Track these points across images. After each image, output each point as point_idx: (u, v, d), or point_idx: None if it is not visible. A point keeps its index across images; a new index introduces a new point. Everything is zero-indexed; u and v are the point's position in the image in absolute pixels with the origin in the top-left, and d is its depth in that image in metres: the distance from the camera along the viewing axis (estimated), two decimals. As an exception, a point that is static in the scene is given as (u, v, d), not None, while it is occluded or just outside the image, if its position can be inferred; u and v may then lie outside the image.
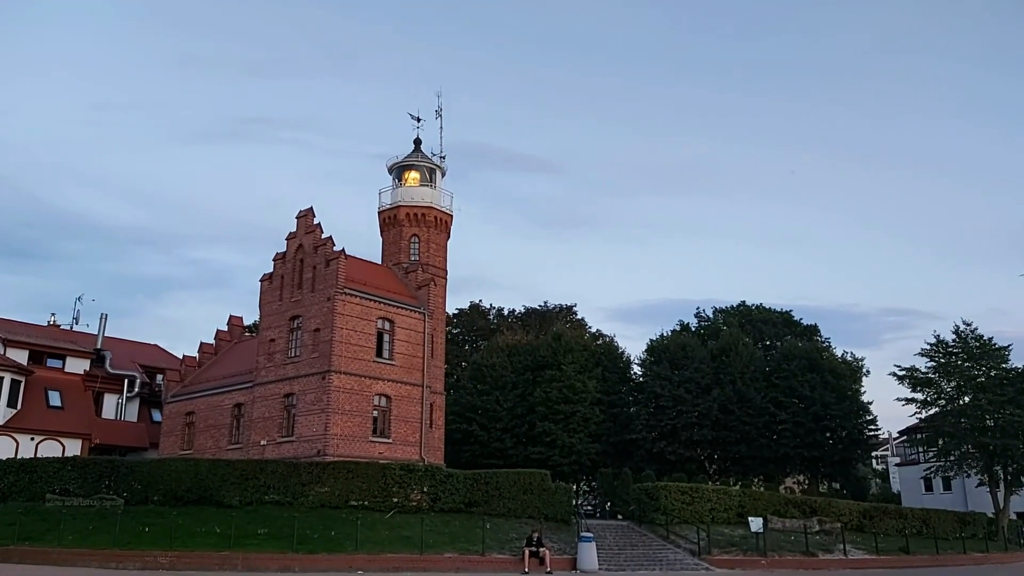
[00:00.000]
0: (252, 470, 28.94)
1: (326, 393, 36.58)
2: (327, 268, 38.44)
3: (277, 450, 37.58)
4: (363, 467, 29.49)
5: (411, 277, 42.84)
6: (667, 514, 31.16)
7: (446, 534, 27.17)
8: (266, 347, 40.61)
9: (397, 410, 39.15)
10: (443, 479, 29.80)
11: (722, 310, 60.14)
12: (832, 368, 48.09)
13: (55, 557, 24.59)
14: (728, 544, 29.35)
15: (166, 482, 28.93)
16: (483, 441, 48.60)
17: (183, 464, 29.43)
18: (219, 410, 42.38)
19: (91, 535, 25.83)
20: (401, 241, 44.39)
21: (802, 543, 30.05)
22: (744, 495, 33.70)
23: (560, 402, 47.78)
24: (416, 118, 47.84)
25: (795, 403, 46.65)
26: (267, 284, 42.08)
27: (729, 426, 46.37)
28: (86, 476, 29.87)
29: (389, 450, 38.09)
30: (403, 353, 40.15)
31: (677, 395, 46.73)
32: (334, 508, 28.33)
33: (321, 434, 36.13)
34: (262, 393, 39.76)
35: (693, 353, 48.66)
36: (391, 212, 44.95)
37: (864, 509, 36.73)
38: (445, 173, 47.35)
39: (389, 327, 39.97)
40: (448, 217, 45.83)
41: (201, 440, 42.72)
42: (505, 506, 29.91)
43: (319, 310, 38.28)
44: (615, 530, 31.33)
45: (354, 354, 37.81)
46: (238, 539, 25.33)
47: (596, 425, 48.27)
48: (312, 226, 40.24)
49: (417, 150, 46.98)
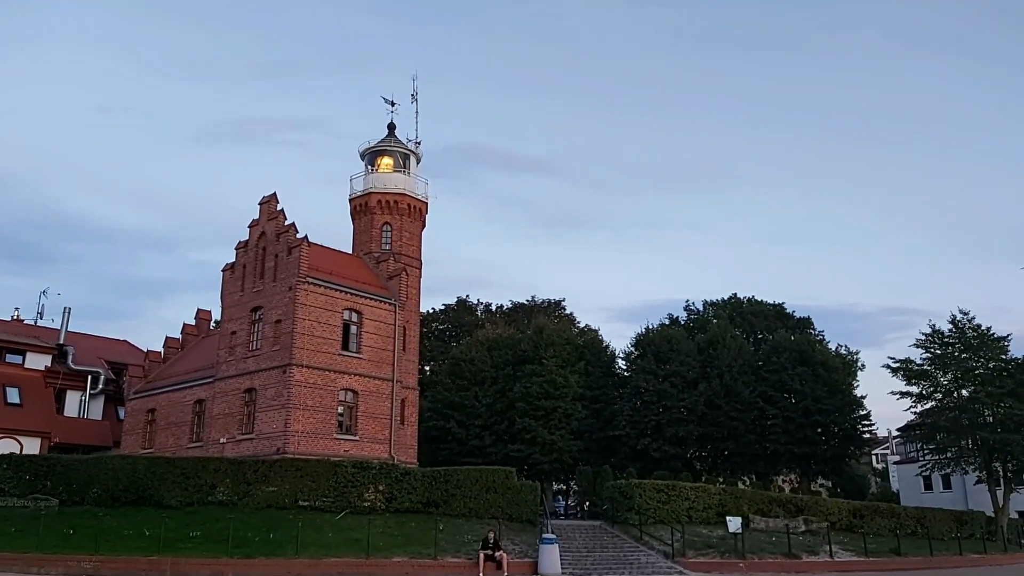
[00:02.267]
0: (194, 468, 27.08)
1: (287, 388, 34.73)
2: (289, 256, 36.60)
3: (237, 448, 35.72)
4: (312, 465, 27.61)
5: (382, 267, 40.98)
6: (641, 514, 29.20)
7: (399, 536, 25.28)
8: (227, 340, 38.78)
9: (365, 406, 37.29)
10: (399, 477, 27.92)
11: (712, 303, 58.09)
12: (824, 361, 46.03)
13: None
14: (705, 546, 27.38)
15: (103, 481, 27.11)
16: (461, 439, 46.71)
17: (120, 462, 27.60)
18: (180, 407, 40.57)
19: (16, 538, 24.02)
20: (372, 229, 42.54)
21: (785, 544, 28.07)
22: (725, 493, 31.70)
23: (541, 397, 45.86)
24: (390, 102, 46.03)
25: (785, 398, 44.64)
26: (229, 274, 40.27)
27: (716, 422, 44.37)
28: (21, 475, 28.05)
29: (356, 448, 36.22)
30: (372, 346, 38.29)
31: (662, 389, 44.74)
32: (282, 509, 26.53)
33: (281, 431, 34.29)
34: (222, 388, 37.94)
35: (679, 346, 46.68)
36: (362, 199, 43.07)
37: (854, 508, 34.68)
38: (420, 159, 45.49)
39: (357, 319, 38.11)
40: (422, 205, 43.93)
41: (162, 438, 40.91)
42: (466, 506, 28.00)
43: (280, 300, 36.42)
44: (585, 531, 29.41)
45: (318, 346, 35.95)
46: (171, 542, 23.51)
47: (578, 421, 46.35)
48: (275, 212, 38.38)
49: (391, 135, 45.10)
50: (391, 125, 45.45)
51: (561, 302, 69.10)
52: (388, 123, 45.44)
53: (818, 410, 44.00)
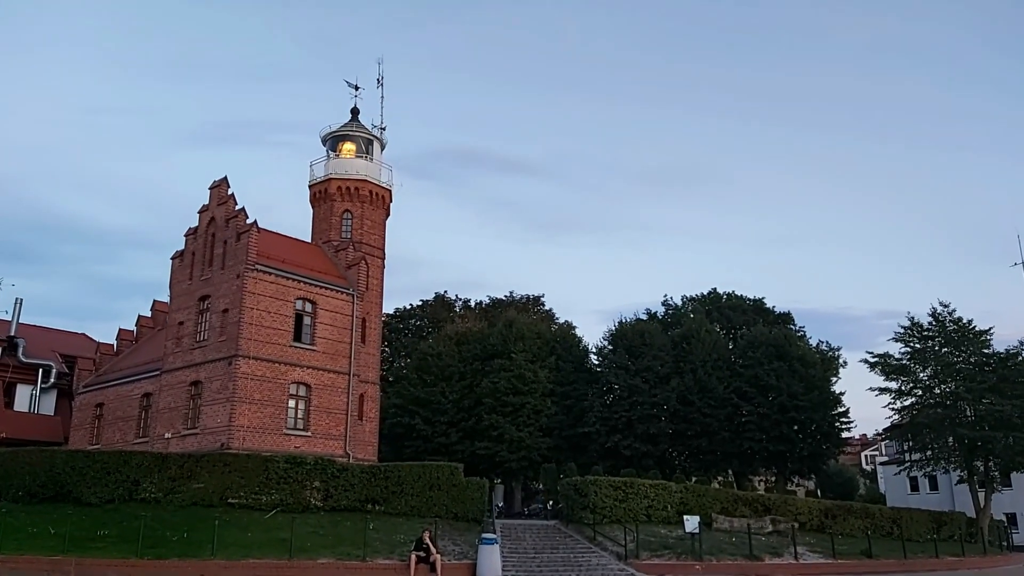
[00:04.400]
0: (115, 463, 25.34)
1: (232, 380, 33.08)
2: (238, 242, 34.95)
3: (181, 444, 34.04)
4: (241, 459, 25.93)
5: (341, 256, 39.31)
6: (596, 512, 27.54)
7: (332, 536, 23.63)
8: (174, 331, 37.14)
9: (318, 400, 35.64)
10: (336, 473, 26.22)
11: (691, 298, 56.49)
12: (802, 356, 44.41)
13: None
14: (661, 546, 25.74)
15: (20, 476, 25.43)
16: (427, 436, 45.07)
17: (38, 456, 25.87)
18: (127, 401, 38.91)
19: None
20: (332, 217, 40.90)
21: (747, 545, 26.43)
22: (687, 491, 30.02)
23: (509, 393, 44.23)
24: (354, 86, 44.43)
25: (761, 394, 43.01)
26: (178, 262, 38.61)
27: (689, 418, 42.77)
28: (-65, 470, 26.31)
29: (307, 444, 34.57)
30: (327, 338, 36.63)
31: (633, 385, 43.14)
32: (209, 507, 24.80)
33: (225, 425, 32.61)
34: (168, 381, 36.27)
35: (652, 340, 45.07)
36: (322, 185, 41.44)
37: (826, 508, 33.03)
38: (385, 145, 43.87)
39: (311, 309, 36.45)
40: (386, 192, 42.28)
41: (109, 433, 39.23)
42: (408, 503, 26.32)
43: (228, 289, 34.76)
44: (537, 531, 27.77)
45: (267, 337, 34.28)
46: (81, 541, 21.85)
47: (548, 418, 44.73)
48: (225, 197, 36.70)
49: (354, 119, 43.47)
50: (354, 110, 43.83)
51: (540, 298, 67.45)
52: (351, 108, 43.85)
53: (794, 407, 42.42)
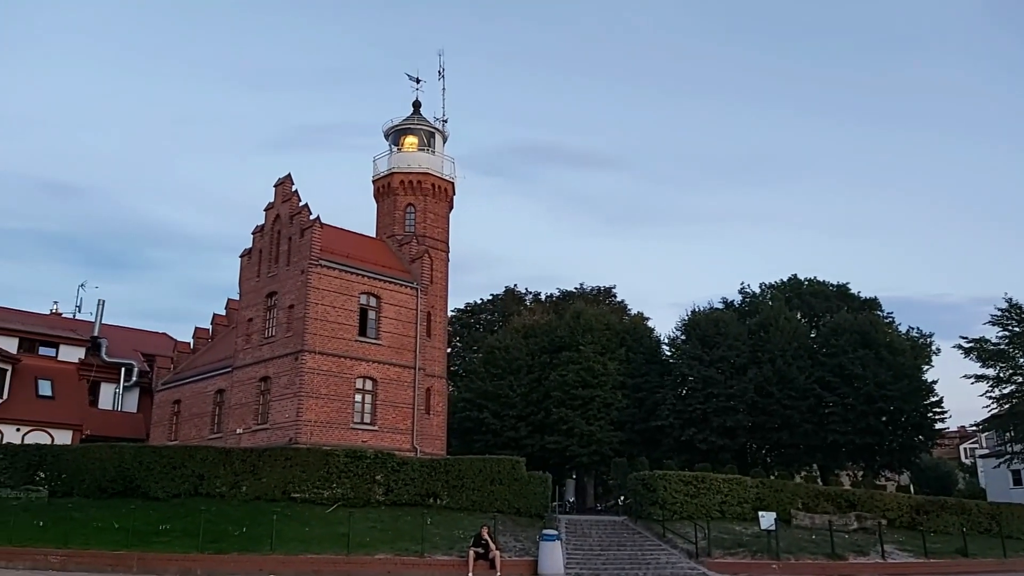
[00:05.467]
0: (180, 458, 25.63)
1: (299, 375, 33.20)
2: (302, 238, 35.06)
3: (252, 438, 34.44)
4: (302, 454, 25.81)
5: (405, 250, 39.12)
6: (666, 508, 26.36)
7: (391, 531, 23.25)
8: (244, 328, 37.60)
9: (384, 394, 35.49)
10: (396, 467, 25.85)
11: (770, 285, 54.21)
12: (890, 343, 41.88)
13: (-57, 555, 21.74)
14: (735, 544, 24.40)
15: (91, 472, 25.96)
16: (496, 430, 44.48)
17: (107, 451, 26.37)
18: (202, 397, 39.66)
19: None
20: (396, 211, 40.78)
21: (829, 543, 24.79)
22: (763, 486, 28.46)
23: (577, 386, 43.22)
24: (415, 79, 44.18)
25: (846, 383, 40.72)
26: (246, 260, 39.08)
27: (768, 411, 40.88)
28: (15, 466, 27.16)
29: (375, 438, 34.43)
30: (392, 332, 36.47)
31: (708, 376, 41.51)
32: (272, 501, 24.80)
33: (293, 420, 32.76)
34: (239, 378, 36.75)
35: (727, 329, 43.29)
36: (385, 180, 41.36)
37: (917, 503, 30.85)
38: (447, 138, 43.49)
39: (375, 303, 36.34)
40: (448, 184, 41.92)
41: (186, 429, 40.10)
42: (469, 498, 25.74)
43: (294, 284, 34.94)
44: (604, 527, 26.77)
45: (332, 332, 34.30)
46: (145, 536, 22.06)
47: (619, 411, 43.52)
48: (289, 194, 36.91)
49: (416, 113, 43.26)
50: (416, 103, 43.61)
51: (611, 289, 66.24)
52: (413, 101, 43.64)
53: (882, 397, 39.97)
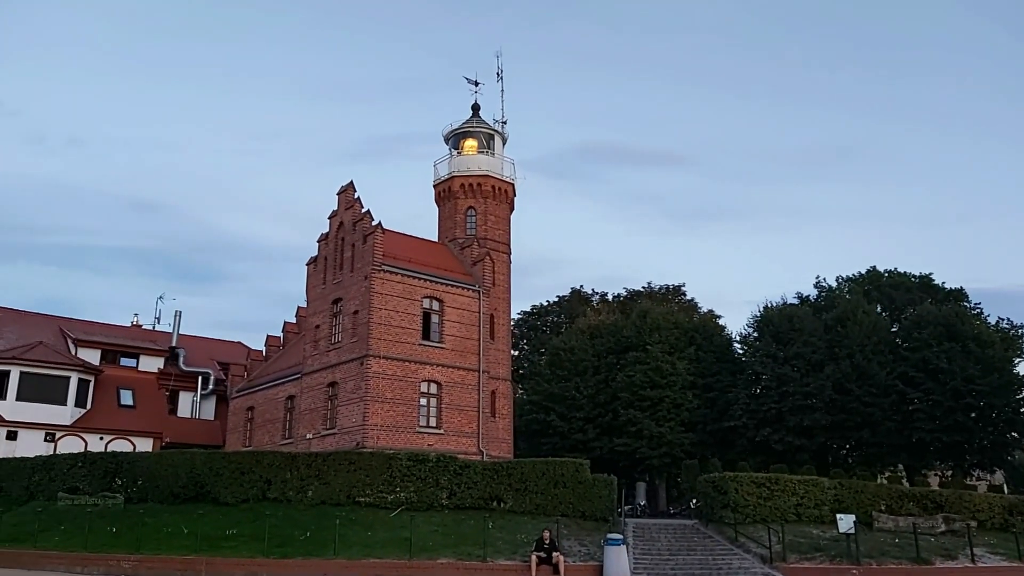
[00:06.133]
0: (248, 464, 26.01)
1: (364, 380, 33.48)
2: (364, 244, 35.37)
3: (321, 443, 34.87)
4: (366, 458, 25.84)
5: (466, 253, 39.08)
6: (738, 511, 25.38)
7: (454, 535, 23.02)
8: (312, 334, 38.16)
9: (449, 398, 35.48)
10: (458, 470, 25.60)
11: (847, 278, 52.10)
12: (978, 335, 39.57)
13: (27, 560, 22.82)
14: (812, 548, 23.30)
15: (164, 478, 26.58)
16: (563, 432, 43.94)
17: (180, 458, 26.94)
18: (274, 404, 40.40)
19: (75, 536, 23.77)
20: (456, 215, 40.79)
21: (914, 547, 23.42)
22: (841, 487, 27.11)
23: (645, 387, 42.29)
24: (474, 82, 44.20)
25: (929, 378, 38.68)
26: (312, 268, 39.71)
27: (847, 408, 39.14)
28: (94, 473, 28.12)
29: (441, 442, 34.44)
30: (455, 335, 36.46)
31: (782, 374, 40.04)
32: (337, 505, 24.87)
33: (360, 425, 33.02)
34: (308, 384, 37.31)
35: (802, 325, 41.71)
36: (445, 184, 41.43)
37: (1010, 504, 28.93)
38: (506, 139, 43.30)
39: (438, 307, 36.39)
40: (508, 186, 41.71)
41: (259, 435, 40.91)
42: (533, 501, 25.28)
43: (357, 290, 35.27)
44: (673, 531, 25.95)
45: (396, 336, 34.48)
46: (214, 541, 22.42)
47: (689, 412, 42.41)
48: (352, 201, 37.32)
49: (475, 116, 43.25)
50: (475, 106, 43.63)
51: (680, 287, 64.92)
52: (472, 104, 43.67)
53: (971, 392, 37.78)
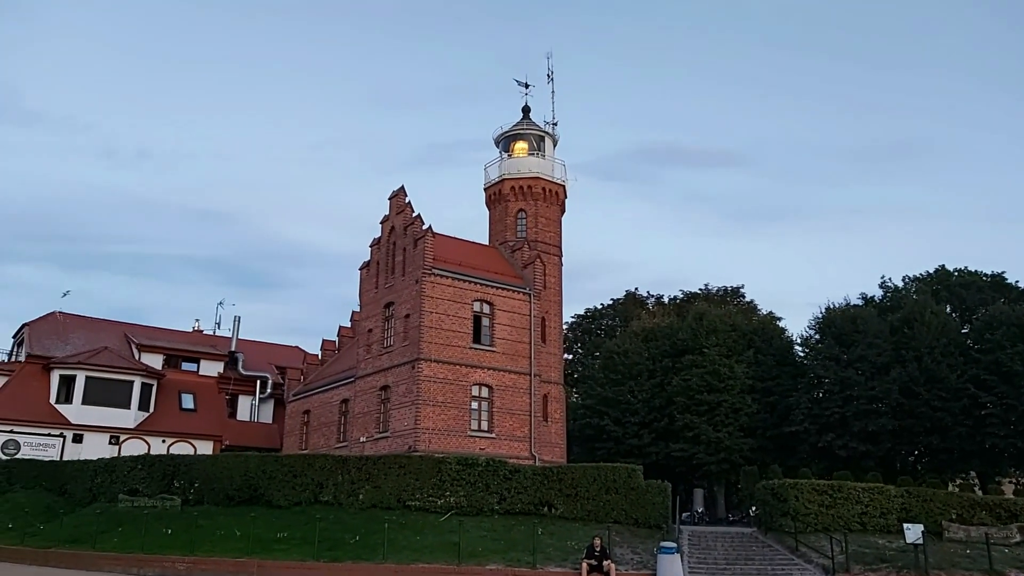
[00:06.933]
0: (299, 467, 26.16)
1: (416, 383, 33.47)
2: (415, 248, 35.40)
3: (375, 447, 35.00)
4: (415, 461, 25.70)
5: (517, 256, 38.81)
6: (798, 519, 24.44)
7: (504, 540, 22.70)
8: (365, 338, 38.40)
9: (500, 401, 35.23)
10: (508, 475, 25.25)
11: (914, 278, 50.20)
12: (1055, 336, 37.56)
13: (85, 561, 23.31)
14: (877, 559, 22.26)
15: (219, 481, 26.91)
16: (617, 437, 43.23)
17: (234, 461, 27.26)
18: (329, 407, 40.77)
19: (133, 538, 24.21)
20: (507, 217, 40.58)
21: (986, 558, 22.20)
22: (908, 495, 25.85)
23: (702, 391, 41.34)
24: (524, 84, 43.97)
25: (1003, 381, 36.86)
26: (365, 272, 39.96)
27: (915, 413, 37.58)
28: (153, 475, 28.67)
29: (492, 446, 34.21)
30: (506, 338, 36.20)
31: (845, 377, 38.69)
32: (387, 509, 24.79)
33: (412, 428, 33.01)
34: (361, 387, 37.52)
35: (866, 326, 40.25)
36: (496, 187, 41.26)
37: (1092, 514, 27.28)
38: (557, 141, 42.94)
39: (488, 310, 36.18)
40: (559, 188, 41.31)
41: (315, 438, 41.33)
42: (584, 507, 24.76)
43: (409, 294, 35.32)
44: (730, 540, 25.14)
45: (447, 340, 34.40)
46: (265, 543, 22.57)
47: (748, 417, 41.30)
48: (403, 206, 37.41)
49: (525, 118, 43.01)
50: (525, 108, 43.35)
51: (739, 289, 63.50)
52: (522, 106, 43.40)
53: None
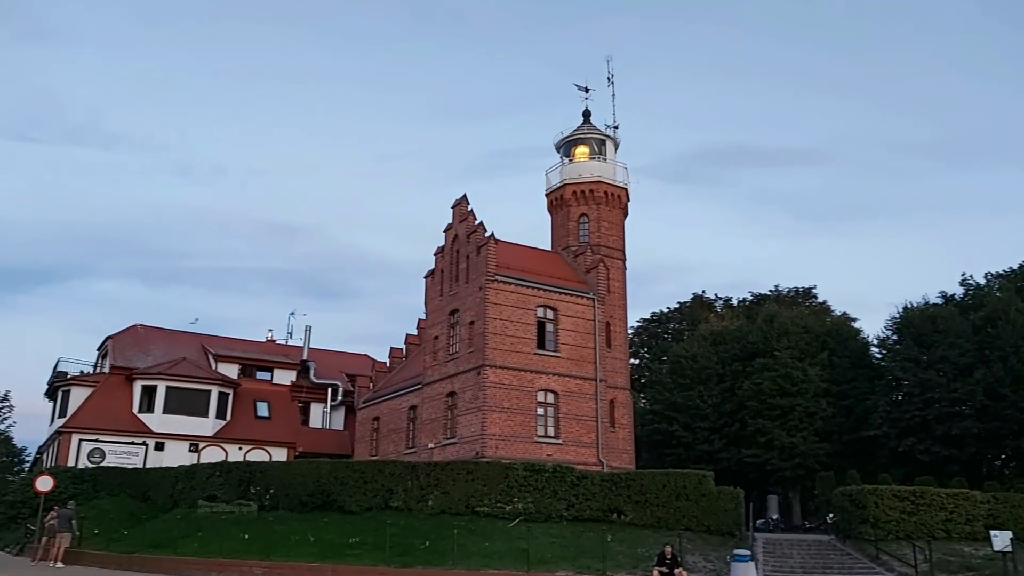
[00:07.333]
0: (370, 473, 26.50)
1: (482, 389, 33.59)
2: (478, 255, 35.59)
3: (443, 452, 35.25)
4: (482, 467, 25.79)
5: (579, 260, 38.65)
6: (878, 526, 23.59)
7: (573, 547, 22.55)
8: (431, 345, 38.72)
9: (566, 407, 35.06)
10: (575, 481, 25.11)
11: (997, 275, 48.07)
12: None
13: (167, 566, 23.96)
14: (963, 568, 21.38)
15: (293, 487, 27.45)
16: (687, 443, 42.59)
17: (307, 467, 27.78)
18: (397, 414, 41.23)
19: (212, 542, 24.88)
20: (569, 222, 40.44)
21: (1085, 571, 21.06)
22: (996, 501, 24.73)
23: (774, 395, 40.41)
24: (584, 88, 43.70)
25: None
26: (430, 280, 40.34)
27: (1002, 415, 35.95)
28: (230, 482, 29.42)
29: (559, 452, 34.05)
30: (570, 344, 36.03)
31: (925, 379, 37.30)
32: (456, 515, 24.92)
33: (478, 434, 33.13)
34: (429, 393, 37.85)
35: (947, 326, 38.74)
36: (557, 192, 41.20)
37: None
38: (619, 144, 42.62)
39: (552, 315, 36.09)
40: (622, 191, 40.98)
41: (384, 445, 41.83)
42: (654, 514, 24.43)
43: (473, 301, 35.50)
44: (807, 548, 24.44)
45: (511, 346, 34.44)
46: (338, 548, 22.95)
47: (823, 421, 40.18)
48: (466, 214, 37.66)
49: (586, 122, 42.80)
50: (586, 112, 43.12)
51: (811, 290, 61.86)
52: (583, 111, 43.20)
53: None
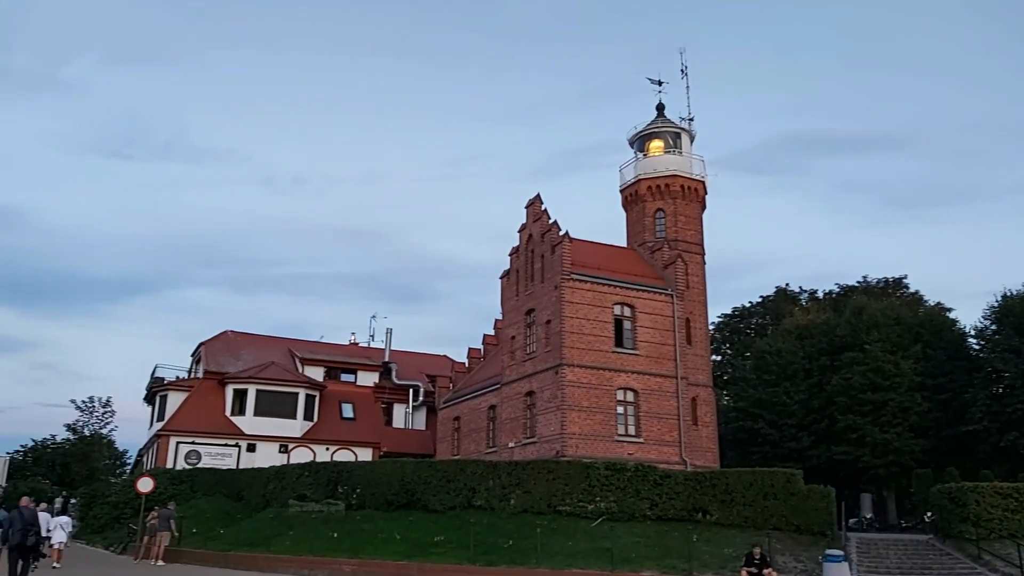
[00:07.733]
0: (453, 472, 26.79)
1: (560, 389, 33.55)
2: (553, 254, 35.58)
3: (523, 452, 35.38)
4: (563, 467, 25.74)
5: (656, 256, 38.16)
6: (980, 525, 22.48)
7: (657, 547, 22.29)
8: (508, 345, 38.91)
9: (647, 405, 34.68)
10: (658, 480, 24.79)
11: (1106, 258, 45.30)
12: None
13: (260, 563, 24.74)
14: (1077, 571, 20.11)
15: (379, 486, 27.99)
16: (774, 441, 41.50)
17: (392, 467, 28.28)
18: (477, 414, 41.57)
19: (302, 541, 25.61)
20: (645, 218, 39.99)
21: None
22: (1111, 500, 23.26)
23: (865, 390, 38.96)
24: (657, 82, 43.20)
25: None
26: (505, 281, 40.51)
27: (1116, 408, 33.85)
28: (319, 482, 30.19)
29: (641, 450, 33.71)
30: (649, 341, 35.63)
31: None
32: (538, 514, 24.97)
33: (558, 433, 33.11)
34: (507, 393, 38.03)
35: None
36: (632, 188, 40.78)
37: None
38: (694, 137, 41.94)
39: (630, 313, 35.76)
40: (698, 184, 40.29)
41: (466, 444, 42.25)
42: (740, 514, 23.89)
43: (548, 300, 35.51)
44: (904, 547, 23.47)
45: (589, 344, 34.29)
46: (423, 546, 23.31)
47: (918, 416, 38.53)
48: (539, 213, 37.69)
49: (660, 116, 42.29)
50: (659, 106, 42.61)
51: (901, 280, 59.39)
52: (656, 104, 42.71)
53: None
